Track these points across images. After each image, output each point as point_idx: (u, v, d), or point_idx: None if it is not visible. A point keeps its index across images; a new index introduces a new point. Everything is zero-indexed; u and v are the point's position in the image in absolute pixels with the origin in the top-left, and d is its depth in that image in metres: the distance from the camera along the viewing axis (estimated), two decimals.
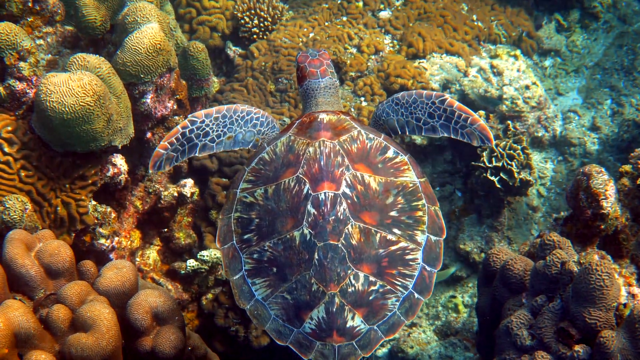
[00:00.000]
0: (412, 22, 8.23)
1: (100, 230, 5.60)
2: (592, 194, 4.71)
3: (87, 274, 4.56)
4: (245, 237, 4.34)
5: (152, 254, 6.63)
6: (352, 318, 4.06)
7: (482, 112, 7.55)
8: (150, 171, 4.92)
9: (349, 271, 4.08)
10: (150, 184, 6.50)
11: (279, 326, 4.15)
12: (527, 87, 7.80)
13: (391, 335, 4.11)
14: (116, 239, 5.81)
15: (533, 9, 9.20)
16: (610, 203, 4.69)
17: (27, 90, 5.20)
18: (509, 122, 7.62)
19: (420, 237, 4.30)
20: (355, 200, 4.24)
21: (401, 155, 4.52)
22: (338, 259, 4.08)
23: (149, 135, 6.08)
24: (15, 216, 4.73)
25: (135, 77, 5.46)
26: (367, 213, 4.24)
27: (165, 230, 6.71)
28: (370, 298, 4.10)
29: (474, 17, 8.40)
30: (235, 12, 8.12)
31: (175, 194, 6.50)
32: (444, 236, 4.38)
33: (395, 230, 4.25)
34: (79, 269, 4.56)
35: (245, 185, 4.50)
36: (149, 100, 5.72)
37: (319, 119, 4.57)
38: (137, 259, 6.48)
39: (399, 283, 4.17)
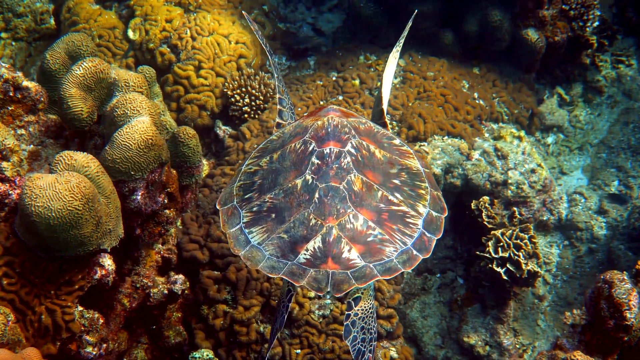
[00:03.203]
0: (412, 101, 8.17)
1: (87, 337, 5.40)
2: (614, 304, 4.61)
3: None
4: (247, 196, 4.53)
5: (140, 353, 6.43)
6: (349, 251, 4.15)
7: (486, 198, 7.45)
8: None
9: (349, 210, 4.25)
10: (138, 278, 6.32)
11: (273, 262, 4.21)
12: (532, 171, 7.72)
13: (387, 276, 4.15)
14: (104, 345, 5.61)
15: (534, 83, 9.18)
16: (634, 314, 4.59)
17: (10, 192, 5.04)
18: (515, 208, 7.54)
19: (422, 209, 4.45)
20: (360, 159, 4.48)
21: (407, 147, 4.83)
22: (339, 197, 4.27)
23: (138, 231, 5.91)
24: None
25: (126, 174, 5.31)
26: (370, 172, 4.46)
27: (154, 327, 6.52)
28: (369, 239, 4.20)
29: (475, 95, 8.35)
30: (225, 90, 8.04)
31: (165, 292, 6.33)
32: (446, 214, 4.52)
33: (397, 195, 4.41)
34: None
35: (251, 160, 4.80)
36: (139, 197, 5.56)
37: (329, 106, 4.94)
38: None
39: (398, 238, 4.26)
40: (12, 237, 4.95)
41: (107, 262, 5.46)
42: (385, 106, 5.15)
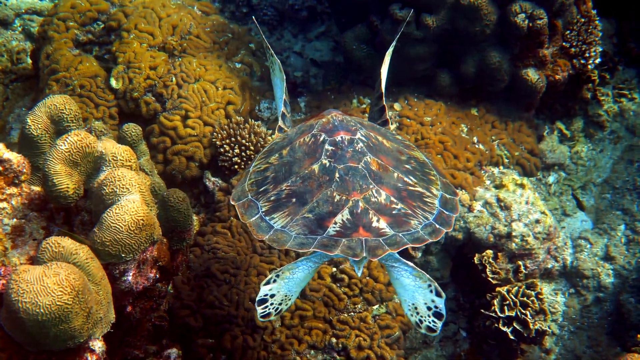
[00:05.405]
0: None
1: None
2: None
3: None
4: (262, 189, 4.64)
5: None
6: (378, 221, 4.30)
7: (490, 252, 7.38)
8: None
9: (371, 186, 4.44)
10: (129, 350, 6.21)
11: (302, 239, 4.29)
12: (537, 221, 7.63)
13: (417, 244, 4.33)
14: None
15: (534, 119, 9.09)
16: None
17: None
18: (520, 262, 7.46)
19: (435, 192, 4.66)
20: (371, 145, 4.70)
21: (409, 142, 5.16)
22: (359, 175, 4.46)
23: (129, 309, 5.81)
24: None
25: (116, 257, 5.20)
26: (383, 157, 4.67)
27: None
28: (394, 212, 4.38)
29: (475, 139, 8.26)
30: (214, 140, 7.92)
31: None
32: (458, 197, 4.74)
33: (412, 177, 4.62)
34: None
35: (259, 161, 4.95)
36: (130, 278, 5.46)
37: (329, 109, 5.27)
38: None
39: (420, 213, 4.46)
40: None
41: (98, 344, 5.32)
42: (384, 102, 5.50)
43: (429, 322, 4.87)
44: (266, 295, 5.10)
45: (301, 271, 5.03)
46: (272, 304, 5.15)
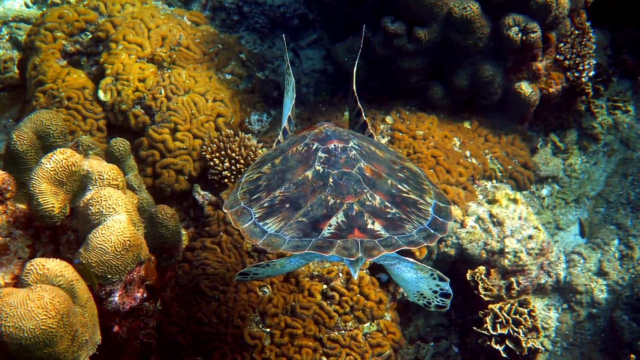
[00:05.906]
0: None
1: None
2: None
3: None
4: (254, 197, 4.64)
5: None
6: (373, 223, 4.30)
7: (482, 268, 7.34)
8: None
9: (365, 190, 4.47)
10: None
11: (296, 242, 4.27)
12: (530, 237, 7.59)
13: (412, 247, 4.31)
14: None
15: (527, 132, 9.04)
16: None
17: None
18: (513, 279, 7.43)
19: (429, 200, 4.70)
20: (364, 153, 4.76)
21: (401, 154, 5.28)
22: (353, 180, 4.49)
23: (116, 328, 5.76)
24: None
25: (102, 277, 5.16)
26: (376, 164, 4.73)
27: None
28: (388, 216, 4.39)
29: (467, 153, 8.20)
30: (203, 153, 7.87)
31: None
32: (452, 206, 4.85)
33: (405, 185, 4.70)
34: None
35: (251, 171, 4.98)
36: (116, 299, 5.41)
37: (321, 121, 5.47)
38: None
39: (414, 219, 4.47)
40: None
41: None
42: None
43: (438, 302, 5.10)
44: (250, 272, 5.37)
45: (291, 265, 5.22)
46: (251, 277, 5.54)
